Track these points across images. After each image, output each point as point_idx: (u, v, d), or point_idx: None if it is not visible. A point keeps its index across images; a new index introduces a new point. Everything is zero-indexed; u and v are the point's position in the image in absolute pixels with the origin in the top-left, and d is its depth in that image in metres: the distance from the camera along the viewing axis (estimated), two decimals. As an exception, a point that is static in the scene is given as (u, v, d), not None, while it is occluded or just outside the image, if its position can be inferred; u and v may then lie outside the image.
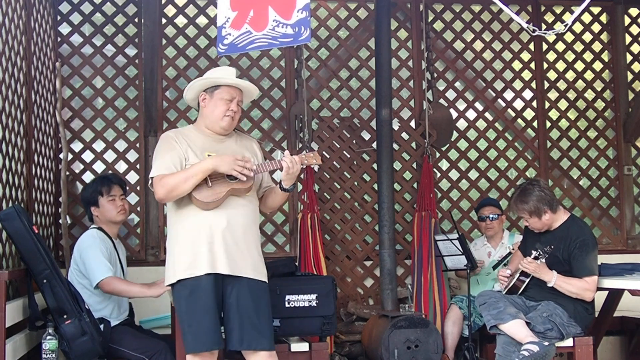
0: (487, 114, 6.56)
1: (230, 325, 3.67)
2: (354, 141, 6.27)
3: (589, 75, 6.74)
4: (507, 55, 6.62)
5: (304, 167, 3.84)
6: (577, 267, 4.47)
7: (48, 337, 3.96)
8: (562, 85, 6.72)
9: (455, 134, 6.45)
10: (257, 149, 3.98)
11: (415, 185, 6.30)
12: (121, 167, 5.98)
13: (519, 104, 6.61)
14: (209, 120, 3.82)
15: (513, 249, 5.27)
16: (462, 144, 6.51)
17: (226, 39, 3.97)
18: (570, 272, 4.49)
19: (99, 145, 5.92)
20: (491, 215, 5.64)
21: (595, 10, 6.76)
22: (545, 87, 6.64)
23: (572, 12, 6.53)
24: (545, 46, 6.67)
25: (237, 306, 3.66)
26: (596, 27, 6.80)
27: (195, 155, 3.73)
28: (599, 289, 4.53)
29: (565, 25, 3.76)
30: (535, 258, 4.46)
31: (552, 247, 4.48)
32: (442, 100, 6.45)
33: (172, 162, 3.70)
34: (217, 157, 3.66)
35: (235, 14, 3.97)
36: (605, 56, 6.77)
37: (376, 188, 5.97)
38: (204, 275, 3.62)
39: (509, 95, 6.62)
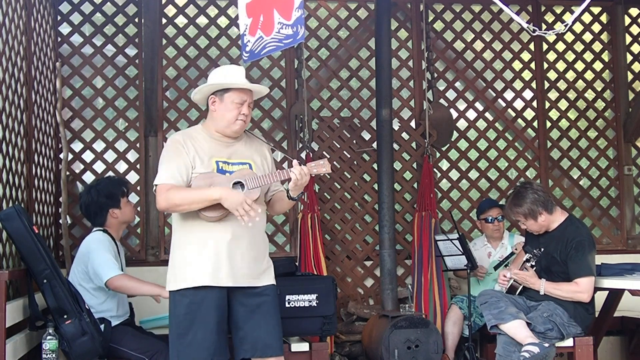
0: (487, 114, 6.56)
1: (241, 334, 3.65)
2: (354, 141, 6.27)
3: (589, 75, 6.74)
4: (507, 55, 6.62)
5: (313, 175, 3.71)
6: (573, 267, 4.47)
7: (48, 337, 3.96)
8: (562, 85, 6.72)
9: (455, 134, 6.45)
10: (268, 153, 3.89)
11: (415, 185, 6.30)
12: (121, 167, 5.98)
13: (519, 104, 6.61)
14: (219, 124, 3.72)
15: (516, 249, 5.28)
16: (462, 144, 6.51)
17: (247, 46, 4.06)
18: (567, 272, 4.50)
19: (99, 145, 5.92)
20: (499, 217, 5.64)
21: (595, 10, 6.76)
22: (546, 87, 6.64)
23: (572, 12, 6.54)
24: (545, 46, 6.67)
25: (245, 316, 3.64)
26: (596, 27, 6.79)
27: (202, 164, 3.65)
28: (599, 289, 4.54)
29: (566, 25, 3.75)
30: (527, 260, 4.51)
31: (542, 249, 4.51)
32: (442, 100, 6.45)
33: (178, 171, 3.62)
34: (226, 192, 3.53)
35: (251, 20, 4.04)
36: (605, 56, 6.76)
37: (376, 188, 5.97)
38: (205, 288, 3.57)
39: (509, 95, 6.62)
